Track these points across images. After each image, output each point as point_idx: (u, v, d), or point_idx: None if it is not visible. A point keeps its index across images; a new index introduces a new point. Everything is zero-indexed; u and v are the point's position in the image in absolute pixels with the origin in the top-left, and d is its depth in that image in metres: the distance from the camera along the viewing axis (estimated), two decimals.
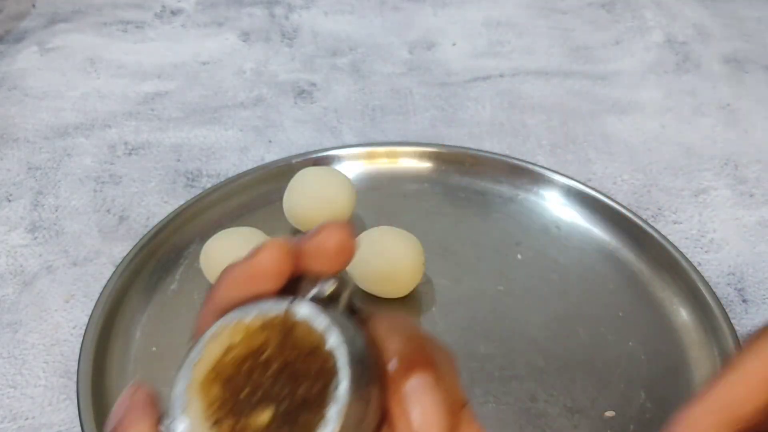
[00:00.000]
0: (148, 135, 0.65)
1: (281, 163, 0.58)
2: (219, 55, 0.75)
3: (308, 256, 0.23)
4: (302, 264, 0.23)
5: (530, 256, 0.53)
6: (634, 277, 0.52)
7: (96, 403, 0.43)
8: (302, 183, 0.52)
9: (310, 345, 0.22)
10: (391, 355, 0.22)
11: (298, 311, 0.22)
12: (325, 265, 0.23)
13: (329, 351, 0.21)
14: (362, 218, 0.56)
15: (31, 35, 0.77)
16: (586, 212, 0.56)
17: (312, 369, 0.21)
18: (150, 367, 0.46)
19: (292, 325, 0.22)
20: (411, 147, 0.60)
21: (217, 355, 0.22)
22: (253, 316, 0.22)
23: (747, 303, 0.51)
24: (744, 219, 0.58)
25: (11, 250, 0.54)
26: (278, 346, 0.22)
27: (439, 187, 0.59)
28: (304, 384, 0.21)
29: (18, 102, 0.69)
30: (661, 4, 0.84)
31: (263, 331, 0.22)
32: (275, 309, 0.22)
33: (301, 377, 0.21)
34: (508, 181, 0.58)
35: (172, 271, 0.52)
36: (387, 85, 0.71)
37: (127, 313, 0.49)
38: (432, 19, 0.81)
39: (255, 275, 0.23)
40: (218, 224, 0.54)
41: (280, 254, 0.23)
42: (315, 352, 0.22)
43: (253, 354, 0.22)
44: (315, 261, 0.23)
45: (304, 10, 0.82)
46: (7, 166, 0.62)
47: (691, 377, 0.46)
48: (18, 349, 0.48)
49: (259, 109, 0.68)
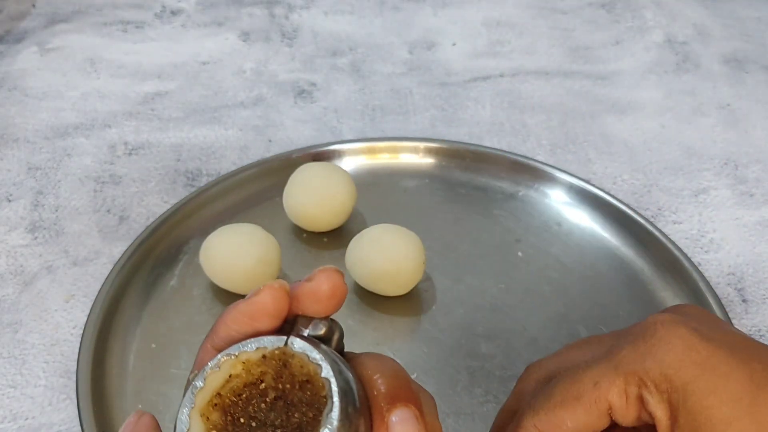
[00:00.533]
0: (148, 135, 0.65)
1: (281, 158, 0.58)
2: (219, 55, 0.75)
3: (303, 299, 0.25)
4: (298, 306, 0.26)
5: (531, 253, 0.53)
6: (635, 275, 0.52)
7: (96, 402, 0.43)
8: (302, 178, 0.52)
9: (305, 376, 0.24)
10: (378, 389, 0.24)
11: (294, 345, 0.24)
12: (319, 308, 0.25)
13: (323, 381, 0.23)
14: (362, 214, 0.56)
15: (31, 35, 0.77)
16: (587, 210, 0.56)
17: (306, 398, 0.24)
18: (150, 364, 0.46)
19: (289, 358, 0.24)
20: (411, 142, 0.61)
21: (218, 384, 0.24)
22: (254, 349, 0.24)
23: (747, 303, 0.51)
24: (744, 219, 0.58)
25: (11, 250, 0.54)
26: (275, 376, 0.24)
27: (440, 182, 0.59)
28: (299, 411, 0.23)
29: (18, 102, 0.69)
30: (661, 4, 0.84)
31: (262, 363, 0.24)
32: (274, 343, 0.24)
33: (296, 405, 0.24)
34: (509, 177, 0.58)
35: (171, 267, 0.52)
36: (387, 85, 0.71)
37: (126, 311, 0.49)
38: (432, 19, 0.81)
39: (255, 313, 0.25)
40: (218, 220, 0.54)
41: (280, 295, 0.25)
42: (309, 382, 0.24)
43: (252, 384, 0.24)
44: (309, 304, 0.25)
45: (304, 10, 0.82)
46: (7, 166, 0.62)
47: None
48: (18, 349, 0.48)
49: (259, 109, 0.68)
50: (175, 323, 0.48)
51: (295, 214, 0.53)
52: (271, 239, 0.49)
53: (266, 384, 0.24)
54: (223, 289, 0.49)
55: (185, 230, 0.54)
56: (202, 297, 0.50)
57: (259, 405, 0.24)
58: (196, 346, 0.46)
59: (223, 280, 0.48)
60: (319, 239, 0.54)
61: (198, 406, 0.24)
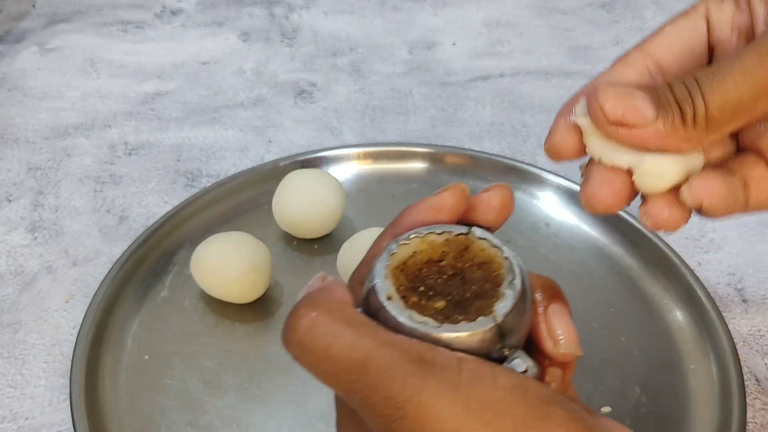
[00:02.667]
0: (148, 135, 0.65)
1: (269, 166, 0.58)
2: (219, 55, 0.75)
3: (479, 207, 0.29)
4: (474, 214, 0.29)
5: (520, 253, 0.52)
6: (625, 273, 0.52)
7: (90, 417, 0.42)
8: (291, 186, 0.52)
9: (485, 258, 0.27)
10: (539, 287, 0.27)
11: (476, 233, 0.27)
12: (491, 217, 0.29)
13: (501, 262, 0.26)
14: (352, 220, 0.55)
15: (31, 35, 0.77)
16: (575, 209, 0.56)
17: (484, 275, 0.27)
18: (142, 375, 0.46)
19: (471, 243, 0.27)
20: (399, 147, 0.61)
21: (404, 256, 0.27)
22: (439, 232, 0.27)
23: (747, 303, 0.51)
24: (744, 219, 0.58)
25: (11, 250, 0.54)
26: (456, 257, 0.27)
27: (428, 187, 0.58)
28: (476, 285, 0.26)
29: (18, 102, 0.69)
30: (661, 4, 0.84)
31: (445, 245, 0.27)
32: (458, 230, 0.27)
33: (473, 281, 0.27)
34: (496, 179, 0.58)
35: (161, 278, 0.51)
36: (387, 85, 0.71)
37: (117, 322, 0.48)
38: (432, 19, 0.81)
39: (437, 206, 0.28)
40: (207, 229, 0.54)
41: (462, 194, 0.29)
42: (488, 263, 0.27)
43: (434, 261, 0.27)
44: (484, 211, 0.29)
45: (304, 10, 0.82)
46: (7, 166, 0.62)
47: (685, 370, 0.47)
48: (18, 349, 0.48)
49: (259, 109, 0.68)
50: (167, 334, 0.48)
51: (285, 222, 0.53)
52: (261, 247, 0.49)
53: (447, 262, 0.27)
54: (215, 298, 0.49)
55: (175, 240, 0.53)
56: (193, 307, 0.50)
57: (438, 278, 0.27)
58: (189, 356, 0.47)
59: (214, 289, 0.48)
60: (309, 246, 0.54)
61: (390, 265, 0.26)
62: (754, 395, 0.46)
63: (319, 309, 0.24)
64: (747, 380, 0.46)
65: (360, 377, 0.23)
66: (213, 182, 0.58)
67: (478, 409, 0.23)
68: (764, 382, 0.47)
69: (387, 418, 0.23)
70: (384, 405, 0.23)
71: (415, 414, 0.23)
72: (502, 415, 0.23)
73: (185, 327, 0.49)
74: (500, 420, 0.23)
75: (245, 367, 0.46)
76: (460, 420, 0.23)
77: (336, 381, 0.24)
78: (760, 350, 0.48)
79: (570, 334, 0.27)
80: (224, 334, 0.48)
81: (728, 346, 0.46)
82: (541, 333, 0.27)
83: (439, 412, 0.23)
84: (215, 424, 0.44)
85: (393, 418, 0.23)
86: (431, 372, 0.23)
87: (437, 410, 0.23)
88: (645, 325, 0.49)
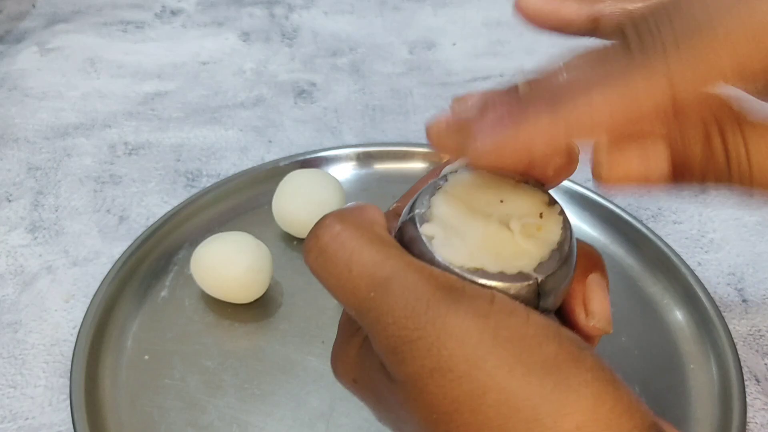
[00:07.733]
0: (148, 135, 0.65)
1: (269, 166, 0.58)
2: (219, 55, 0.75)
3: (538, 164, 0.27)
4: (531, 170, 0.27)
5: None
6: (625, 272, 0.52)
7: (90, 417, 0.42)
8: (291, 186, 0.52)
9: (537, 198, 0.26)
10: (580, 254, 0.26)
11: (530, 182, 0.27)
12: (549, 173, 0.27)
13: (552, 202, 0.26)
14: None
15: (31, 35, 0.77)
16: (574, 209, 0.56)
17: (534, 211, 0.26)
18: (142, 375, 0.46)
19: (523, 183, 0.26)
20: (399, 147, 0.61)
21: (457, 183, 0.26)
22: None
23: (747, 303, 0.51)
24: (744, 219, 0.58)
25: (11, 250, 0.54)
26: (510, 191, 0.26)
27: None
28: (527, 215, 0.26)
29: (18, 102, 0.69)
30: None
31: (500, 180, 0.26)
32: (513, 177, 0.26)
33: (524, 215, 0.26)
34: None
35: (161, 278, 0.51)
36: (387, 85, 0.71)
37: (117, 322, 0.48)
38: (432, 19, 0.81)
39: None
40: (207, 229, 0.54)
41: None
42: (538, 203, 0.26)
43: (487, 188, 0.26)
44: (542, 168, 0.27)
45: (304, 10, 0.82)
46: (7, 166, 0.62)
47: (684, 370, 0.47)
48: (18, 349, 0.48)
49: (259, 109, 0.68)
50: (167, 334, 0.48)
51: (285, 222, 0.53)
52: (261, 247, 0.49)
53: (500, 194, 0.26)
54: (215, 298, 0.49)
55: (175, 240, 0.53)
56: (193, 307, 0.50)
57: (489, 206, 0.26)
58: (189, 356, 0.47)
59: (214, 289, 0.48)
60: None
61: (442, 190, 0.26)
62: (754, 395, 0.46)
63: (346, 223, 0.23)
64: (747, 380, 0.46)
65: (379, 294, 0.22)
66: (213, 182, 0.58)
67: (507, 340, 0.21)
68: (764, 382, 0.47)
69: (399, 339, 0.22)
70: (401, 324, 0.22)
71: (436, 336, 0.21)
72: (532, 350, 0.21)
73: (185, 327, 0.49)
74: (529, 355, 0.21)
75: (245, 367, 0.46)
76: (486, 348, 0.21)
77: (351, 297, 0.23)
78: (760, 350, 0.48)
79: (604, 309, 0.26)
80: (224, 334, 0.48)
81: (728, 346, 0.46)
82: (575, 302, 0.26)
83: (464, 337, 0.21)
84: (215, 424, 0.43)
85: (407, 339, 0.22)
86: (461, 298, 0.22)
87: (462, 335, 0.21)
88: (645, 325, 0.49)
